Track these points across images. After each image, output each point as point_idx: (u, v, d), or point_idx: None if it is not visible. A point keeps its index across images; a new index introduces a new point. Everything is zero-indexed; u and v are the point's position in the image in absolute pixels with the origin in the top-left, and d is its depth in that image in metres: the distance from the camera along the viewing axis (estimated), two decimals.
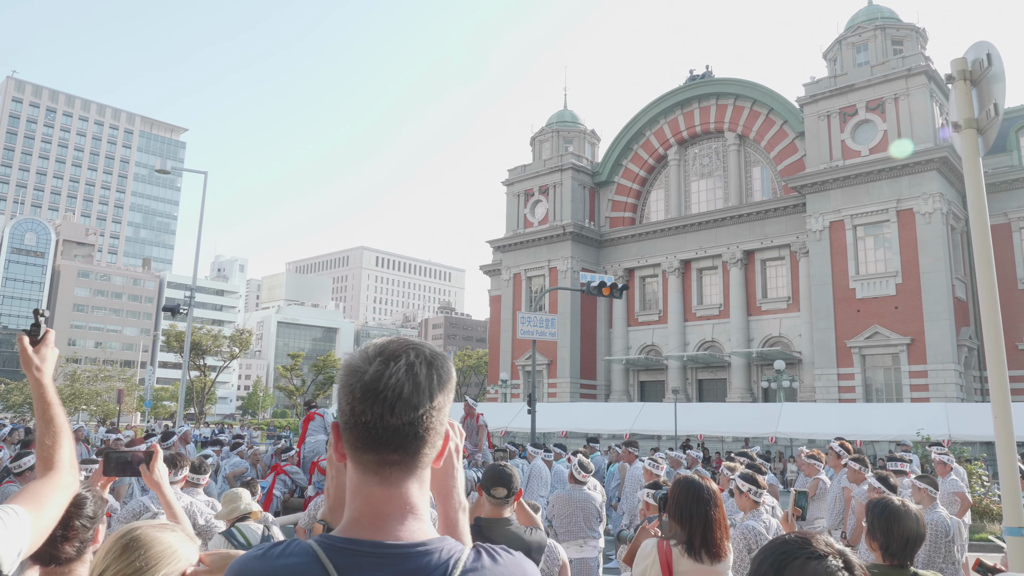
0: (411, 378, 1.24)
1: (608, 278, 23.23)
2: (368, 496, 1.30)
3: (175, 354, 65.40)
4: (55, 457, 1.91)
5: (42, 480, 1.86)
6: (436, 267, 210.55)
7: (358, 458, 1.29)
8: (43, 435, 1.92)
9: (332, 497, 1.61)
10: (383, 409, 1.23)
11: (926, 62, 38.76)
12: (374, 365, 1.24)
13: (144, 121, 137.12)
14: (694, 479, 3.69)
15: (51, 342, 2.13)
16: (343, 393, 1.28)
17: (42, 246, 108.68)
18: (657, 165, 52.99)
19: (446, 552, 1.28)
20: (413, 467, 1.29)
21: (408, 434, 1.25)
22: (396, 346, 1.28)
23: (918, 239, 37.47)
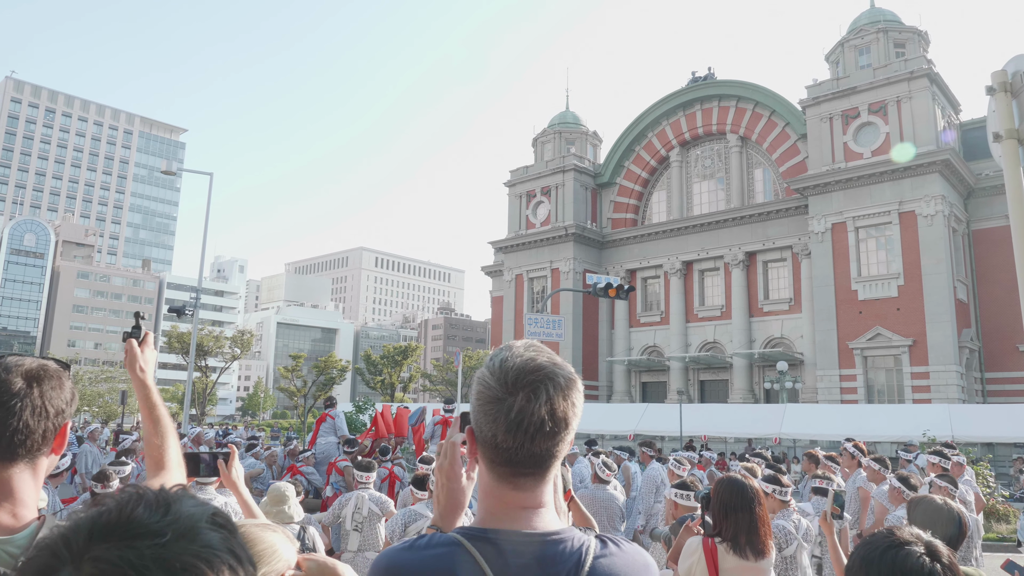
0: (551, 413, 1.34)
1: (614, 279, 23.28)
2: (502, 496, 1.42)
3: (176, 355, 65.30)
4: (166, 457, 1.98)
5: (156, 479, 1.93)
6: (435, 268, 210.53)
7: (494, 469, 1.40)
8: (151, 435, 2.00)
9: (443, 504, 1.64)
10: (524, 439, 1.34)
11: (928, 65, 38.90)
12: (518, 400, 1.34)
13: (143, 122, 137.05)
14: (738, 478, 3.79)
15: (151, 343, 2.21)
16: (483, 417, 1.38)
17: (41, 247, 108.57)
18: (659, 167, 53.10)
19: (577, 540, 1.40)
20: (545, 478, 1.41)
21: (545, 457, 1.38)
22: (536, 377, 1.36)
23: (920, 241, 37.60)
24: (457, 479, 1.63)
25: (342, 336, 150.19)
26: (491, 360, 1.44)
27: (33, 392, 1.62)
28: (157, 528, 0.73)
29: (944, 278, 36.77)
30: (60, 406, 1.67)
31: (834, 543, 4.14)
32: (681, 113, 51.45)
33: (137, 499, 0.76)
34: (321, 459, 12.49)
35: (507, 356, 1.42)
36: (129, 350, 2.12)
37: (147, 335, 2.18)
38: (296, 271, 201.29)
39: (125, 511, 0.74)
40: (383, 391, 75.80)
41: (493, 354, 1.47)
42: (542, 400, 1.34)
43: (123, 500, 0.76)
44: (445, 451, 1.70)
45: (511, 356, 1.42)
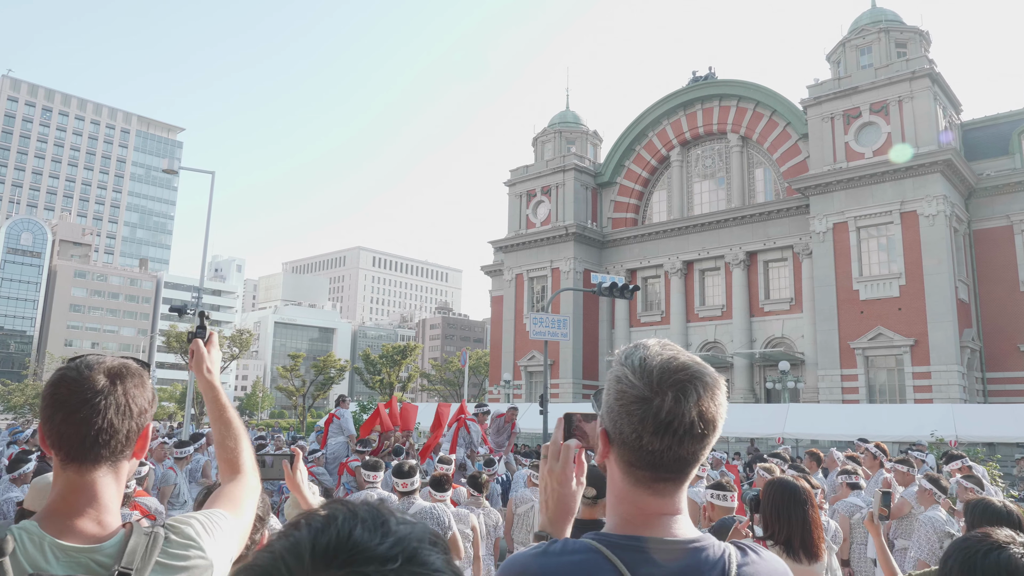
0: (700, 414, 1.28)
1: (619, 279, 23.28)
2: (638, 502, 1.35)
3: (175, 355, 65.12)
4: (240, 460, 1.89)
5: (233, 483, 1.84)
6: (433, 267, 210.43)
7: (633, 473, 1.34)
8: (224, 438, 1.91)
9: (553, 510, 1.58)
10: (672, 442, 1.28)
11: (930, 65, 38.91)
12: (667, 400, 1.27)
13: (141, 121, 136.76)
14: (789, 480, 3.71)
15: (217, 343, 2.13)
16: (625, 418, 1.31)
17: (38, 246, 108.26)
18: (660, 166, 53.08)
19: (718, 547, 1.34)
20: (684, 483, 1.36)
21: (690, 461, 1.32)
22: (683, 376, 1.30)
23: (921, 241, 37.60)
24: (569, 484, 1.57)
25: (340, 336, 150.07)
26: (627, 358, 1.38)
27: (117, 390, 1.53)
28: (384, 552, 0.68)
29: (946, 278, 36.78)
30: (143, 405, 1.59)
31: (881, 544, 4.06)
32: (682, 112, 51.42)
33: (352, 518, 0.71)
34: (331, 459, 12.40)
35: (645, 354, 1.35)
36: (196, 351, 2.03)
37: (211, 335, 2.09)
38: (293, 270, 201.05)
39: (343, 532, 0.69)
40: (382, 391, 75.71)
41: (627, 352, 1.40)
42: (692, 400, 1.28)
43: (338, 519, 0.71)
44: (556, 455, 1.62)
45: (650, 354, 1.35)
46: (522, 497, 8.09)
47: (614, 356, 1.47)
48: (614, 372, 1.38)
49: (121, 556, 1.45)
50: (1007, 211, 40.23)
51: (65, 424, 1.48)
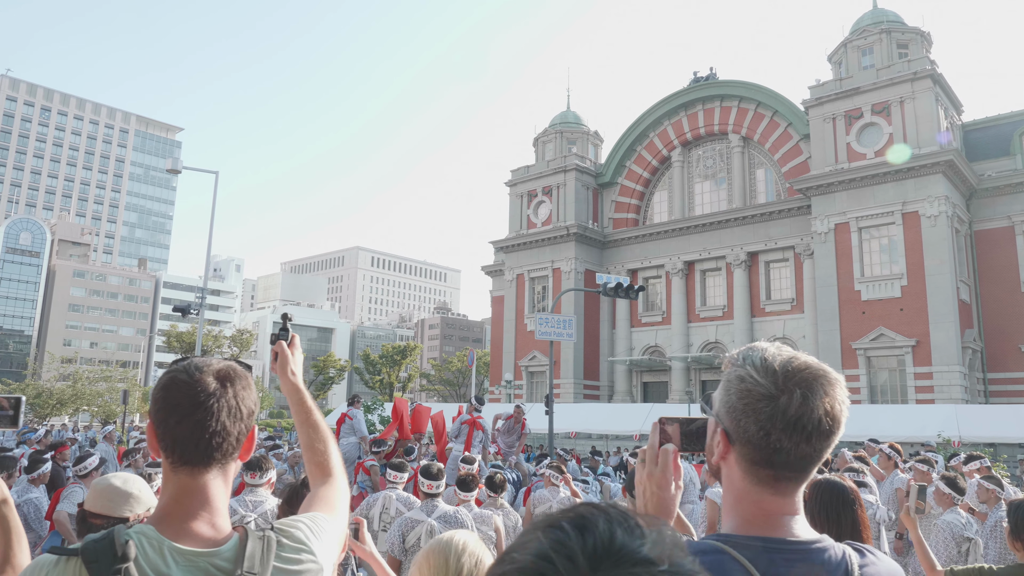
0: (828, 412, 1.30)
1: (624, 279, 23.31)
2: (759, 502, 1.37)
3: (175, 354, 65.04)
4: (330, 463, 1.88)
5: (326, 486, 1.84)
6: (431, 267, 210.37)
7: (755, 471, 1.36)
8: (313, 440, 1.89)
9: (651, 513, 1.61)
10: (800, 439, 1.29)
11: (931, 66, 38.98)
12: (794, 398, 1.29)
13: (140, 120, 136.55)
14: (835, 480, 3.70)
15: (299, 344, 2.12)
16: (750, 416, 1.33)
17: (37, 246, 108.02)
18: (661, 167, 53.11)
19: (838, 548, 1.36)
20: (804, 482, 1.38)
21: (814, 459, 1.33)
22: (808, 374, 1.32)
23: (923, 241, 37.67)
24: (668, 487, 1.59)
25: (338, 335, 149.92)
26: (745, 359, 1.39)
27: (228, 392, 1.53)
28: (648, 555, 0.69)
29: (947, 279, 36.85)
30: (251, 407, 1.59)
31: (919, 538, 4.06)
32: (683, 113, 51.46)
33: (608, 519, 0.71)
34: (343, 458, 12.38)
35: (764, 354, 1.36)
36: (280, 352, 2.01)
37: (294, 337, 2.08)
38: (292, 270, 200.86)
39: (605, 534, 0.69)
40: (382, 391, 75.72)
41: (743, 353, 1.41)
42: (819, 397, 1.29)
43: (595, 521, 0.71)
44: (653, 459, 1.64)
45: (769, 354, 1.36)
46: (540, 497, 8.10)
47: (727, 358, 1.48)
48: (735, 372, 1.39)
49: (240, 560, 1.45)
50: (1008, 211, 40.32)
51: (179, 427, 1.48)
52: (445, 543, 1.89)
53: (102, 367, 67.37)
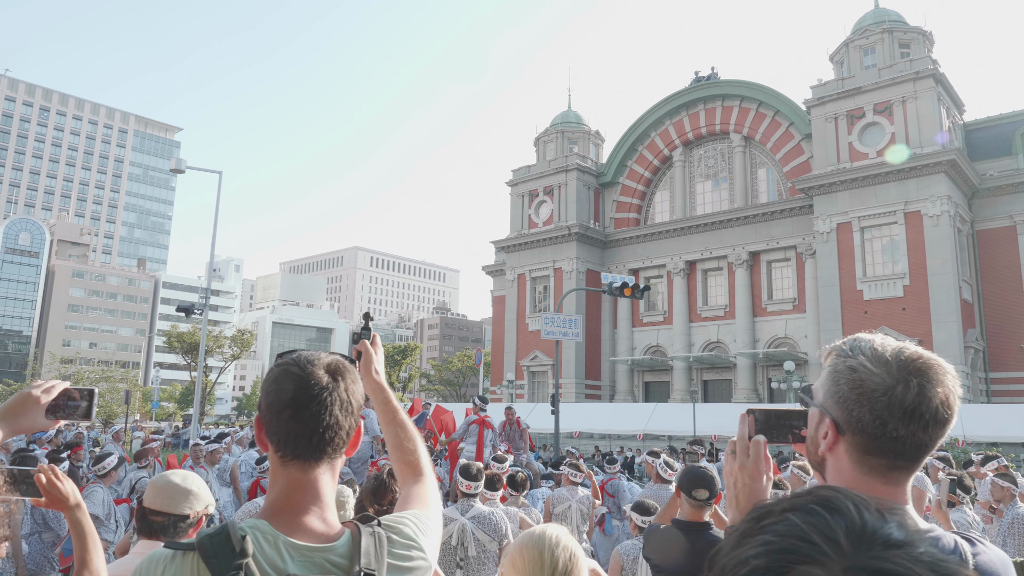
0: (944, 401, 1.31)
1: (629, 279, 23.31)
2: (871, 492, 1.35)
3: (176, 355, 64.94)
4: (421, 461, 1.86)
5: (419, 484, 1.82)
6: (430, 267, 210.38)
7: (867, 461, 1.36)
8: (402, 439, 1.87)
9: (744, 504, 1.60)
10: (917, 428, 1.30)
11: (933, 65, 39.02)
12: (911, 386, 1.29)
13: (138, 120, 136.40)
14: None
15: (380, 343, 2.11)
16: (865, 406, 1.32)
17: (36, 246, 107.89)
18: (662, 166, 53.13)
19: (950, 537, 1.37)
20: (915, 471, 1.38)
21: (928, 448, 1.34)
22: (922, 363, 1.32)
23: (925, 241, 37.71)
24: (761, 479, 1.60)
25: (338, 335, 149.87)
26: (853, 349, 1.39)
27: (339, 386, 1.51)
28: (902, 538, 0.68)
29: (950, 278, 36.89)
30: (360, 401, 1.57)
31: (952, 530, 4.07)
32: (684, 113, 51.48)
33: (849, 501, 0.71)
34: (355, 458, 12.34)
35: (874, 344, 1.38)
36: (364, 352, 1.99)
37: (375, 336, 2.07)
38: (291, 270, 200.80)
39: (855, 516, 0.69)
40: None
41: (850, 344, 1.42)
42: (936, 386, 1.30)
43: (840, 502, 0.71)
44: (744, 451, 1.64)
45: (877, 344, 1.38)
46: (559, 496, 8.09)
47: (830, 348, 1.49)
48: (845, 363, 1.38)
49: (355, 556, 1.43)
50: (1010, 211, 40.38)
51: (293, 421, 1.45)
52: (538, 537, 1.88)
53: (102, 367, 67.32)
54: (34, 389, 1.91)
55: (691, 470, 4.03)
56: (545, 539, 1.89)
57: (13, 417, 1.83)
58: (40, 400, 1.87)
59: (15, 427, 1.85)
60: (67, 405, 1.92)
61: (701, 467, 4.07)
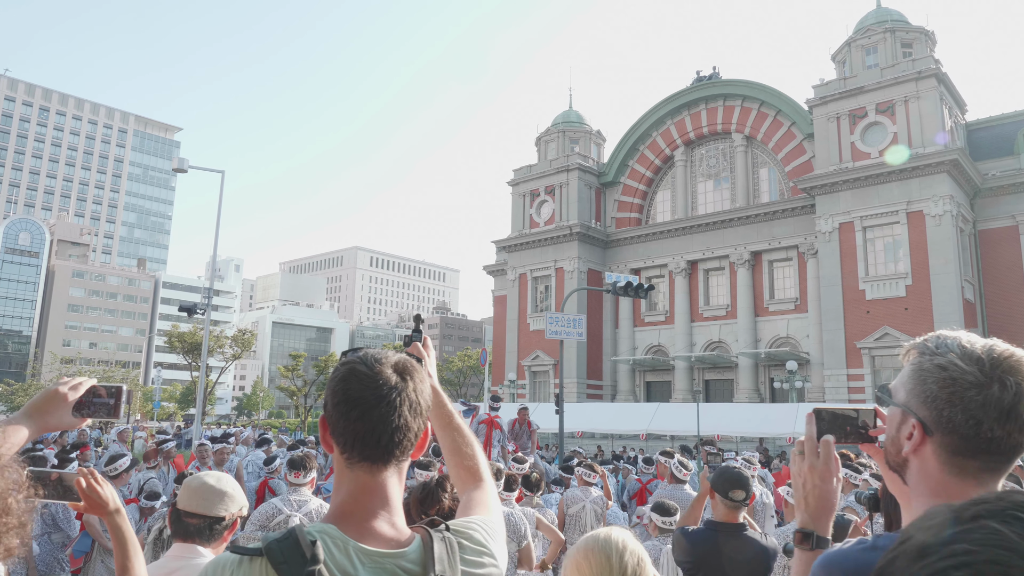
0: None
1: (633, 278, 23.30)
2: (961, 494, 1.32)
3: (176, 355, 64.86)
4: (480, 466, 1.81)
5: (480, 489, 1.76)
6: (430, 267, 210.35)
7: (957, 462, 1.32)
8: (460, 444, 1.82)
9: (814, 506, 1.58)
10: (1014, 428, 1.27)
11: (936, 65, 38.98)
12: (1008, 386, 1.26)
13: (138, 120, 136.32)
14: None
15: (431, 346, 2.07)
16: (956, 404, 1.29)
17: (36, 246, 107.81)
18: (663, 166, 53.09)
19: None
20: (1007, 472, 1.35)
21: (1022, 448, 1.30)
22: (1015, 361, 1.29)
23: (928, 241, 37.67)
24: (831, 479, 1.56)
25: (337, 335, 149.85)
26: (940, 345, 1.34)
27: (408, 386, 1.46)
28: None
29: (952, 278, 36.87)
30: (428, 402, 1.52)
31: None
32: (686, 112, 51.44)
33: None
34: None
35: (961, 341, 1.33)
36: (417, 354, 1.95)
37: (426, 338, 2.03)
38: (291, 270, 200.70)
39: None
40: None
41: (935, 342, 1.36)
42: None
43: None
44: (813, 451, 1.61)
45: (966, 340, 1.33)
46: (573, 497, 8.05)
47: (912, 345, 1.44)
48: (932, 361, 1.34)
49: (428, 563, 1.39)
50: (1012, 211, 40.36)
51: (361, 422, 1.40)
52: (603, 542, 1.83)
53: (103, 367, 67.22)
54: (61, 386, 1.85)
55: (726, 471, 3.99)
56: (612, 544, 1.85)
57: (41, 415, 1.78)
58: (68, 397, 1.81)
59: (42, 425, 1.79)
60: (93, 402, 1.86)
61: (736, 468, 4.03)
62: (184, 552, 2.54)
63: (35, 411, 1.79)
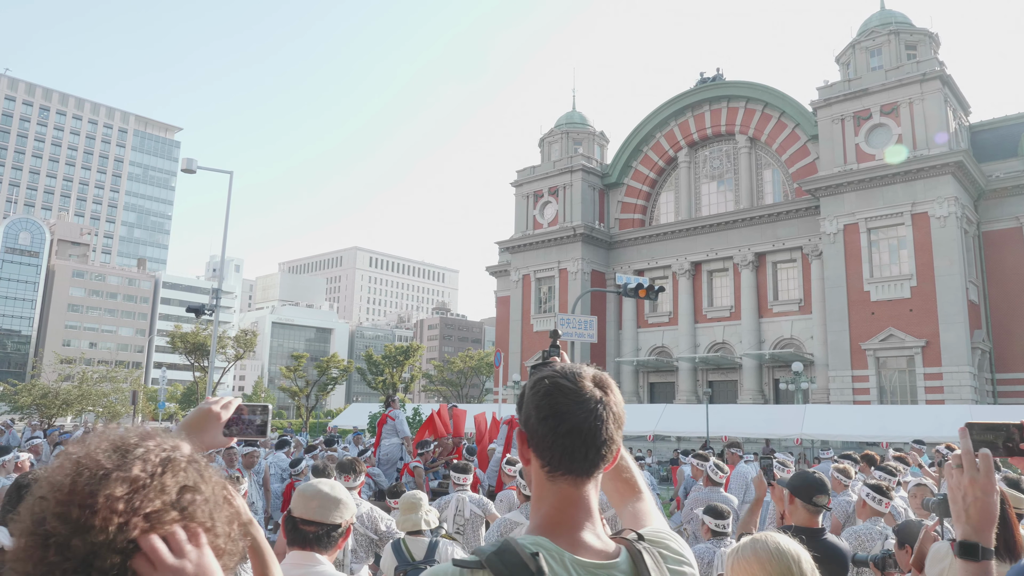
0: None
1: (644, 280, 23.33)
2: None
3: (178, 355, 64.77)
4: (636, 478, 1.84)
5: (642, 501, 1.78)
6: (430, 268, 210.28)
7: None
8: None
9: (976, 518, 1.65)
10: None
11: (940, 67, 39.09)
12: None
13: (138, 120, 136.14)
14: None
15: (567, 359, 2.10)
16: None
17: (36, 246, 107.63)
18: (667, 167, 53.16)
19: None
20: None
21: None
22: None
23: (933, 242, 37.76)
24: (993, 492, 1.65)
25: (337, 336, 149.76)
26: None
27: (609, 399, 1.49)
28: None
29: (957, 279, 36.96)
30: (625, 415, 1.56)
31: None
32: (689, 114, 51.51)
33: None
34: (384, 460, 12.35)
35: None
36: None
37: (563, 354, 2.06)
38: (290, 270, 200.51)
39: None
40: (384, 391, 75.57)
41: None
42: None
43: None
44: (972, 464, 1.66)
45: None
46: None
47: None
48: None
49: (641, 573, 1.42)
50: (1016, 212, 40.47)
51: (570, 436, 1.42)
52: (774, 549, 1.85)
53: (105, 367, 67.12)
54: (213, 405, 1.86)
55: (808, 476, 4.02)
56: (788, 553, 1.86)
57: (197, 433, 1.79)
58: (220, 417, 1.83)
59: (199, 443, 1.78)
60: (241, 420, 1.87)
61: (815, 472, 4.07)
62: (303, 560, 2.57)
63: (191, 430, 1.80)
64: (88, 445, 1.03)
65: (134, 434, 1.07)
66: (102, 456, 0.99)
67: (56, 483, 0.95)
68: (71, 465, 0.98)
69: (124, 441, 1.03)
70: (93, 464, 0.97)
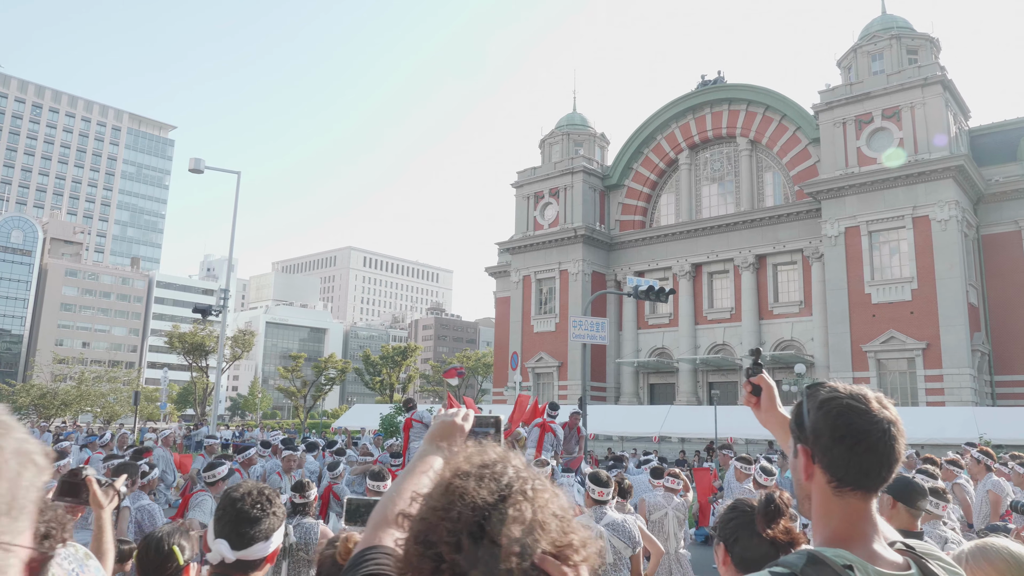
0: None
1: (655, 282, 23.44)
2: None
3: (177, 355, 64.54)
4: None
5: None
6: (424, 268, 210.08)
7: None
8: None
9: None
10: None
11: (942, 72, 39.42)
12: None
13: (132, 118, 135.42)
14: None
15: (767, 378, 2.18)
16: None
17: (29, 244, 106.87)
18: (668, 169, 53.35)
19: None
20: None
21: None
22: None
23: (934, 245, 38.07)
24: None
25: (331, 336, 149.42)
26: None
27: (898, 420, 1.59)
28: None
29: (958, 282, 37.28)
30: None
31: None
32: (690, 116, 51.72)
33: None
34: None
35: None
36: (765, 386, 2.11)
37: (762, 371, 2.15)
38: (284, 270, 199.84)
39: None
40: (381, 391, 75.54)
41: None
42: None
43: None
44: None
45: None
46: (655, 504, 8.16)
47: None
48: None
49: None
50: (1015, 216, 40.86)
51: (868, 455, 1.52)
52: (1008, 555, 1.92)
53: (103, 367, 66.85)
54: (457, 418, 1.93)
55: (910, 482, 4.10)
56: (1021, 559, 1.93)
57: (444, 446, 1.87)
58: (464, 429, 1.92)
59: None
60: (476, 431, 1.93)
61: (913, 479, 4.16)
62: None
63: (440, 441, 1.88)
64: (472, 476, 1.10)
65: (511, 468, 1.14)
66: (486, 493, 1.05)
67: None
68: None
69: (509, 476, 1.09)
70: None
